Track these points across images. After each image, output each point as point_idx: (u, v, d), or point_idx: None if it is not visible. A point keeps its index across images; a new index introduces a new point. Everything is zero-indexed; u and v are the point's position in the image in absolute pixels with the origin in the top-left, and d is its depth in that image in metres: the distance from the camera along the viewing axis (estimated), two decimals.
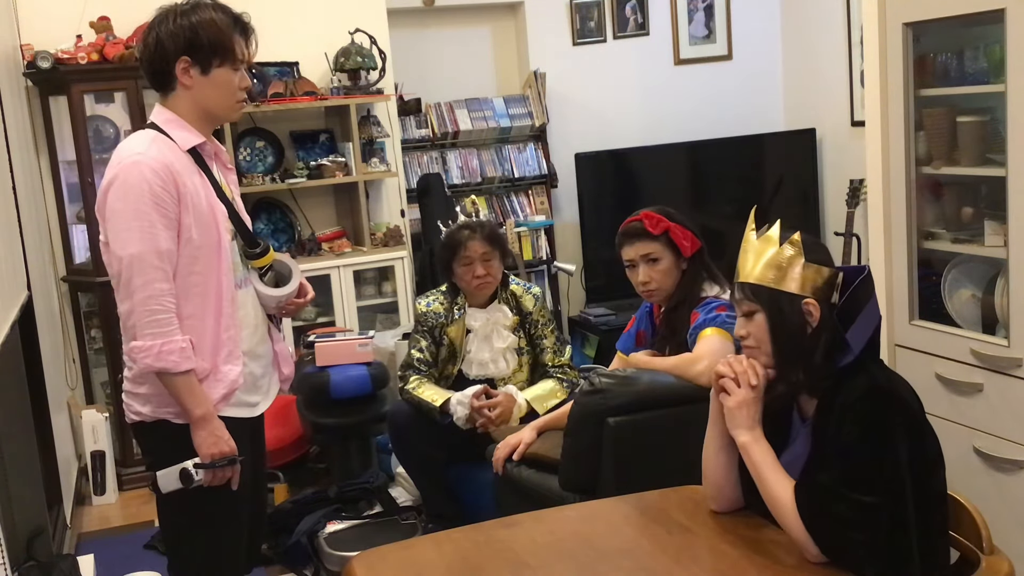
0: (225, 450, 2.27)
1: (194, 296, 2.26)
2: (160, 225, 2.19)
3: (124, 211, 2.19)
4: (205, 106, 2.32)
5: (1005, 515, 2.65)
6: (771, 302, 1.89)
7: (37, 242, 4.34)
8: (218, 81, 2.29)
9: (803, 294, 1.88)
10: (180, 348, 2.20)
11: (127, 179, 2.19)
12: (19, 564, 2.89)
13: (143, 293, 2.18)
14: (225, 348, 2.30)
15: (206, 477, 2.27)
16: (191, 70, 2.27)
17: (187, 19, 2.26)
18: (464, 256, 3.56)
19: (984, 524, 1.89)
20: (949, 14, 2.77)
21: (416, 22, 5.66)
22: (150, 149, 2.23)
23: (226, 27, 2.28)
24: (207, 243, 2.27)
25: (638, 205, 3.12)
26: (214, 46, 2.26)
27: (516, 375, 3.64)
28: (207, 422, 2.25)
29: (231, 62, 2.29)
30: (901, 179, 2.96)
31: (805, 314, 1.88)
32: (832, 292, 1.90)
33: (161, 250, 2.19)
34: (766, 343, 1.91)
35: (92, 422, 4.38)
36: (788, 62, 6.16)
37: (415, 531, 3.60)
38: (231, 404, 2.34)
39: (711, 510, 2.00)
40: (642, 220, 2.95)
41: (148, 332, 2.19)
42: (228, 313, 2.30)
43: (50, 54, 4.35)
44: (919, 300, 3.00)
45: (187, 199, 2.23)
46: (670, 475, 2.17)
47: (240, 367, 2.33)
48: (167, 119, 2.31)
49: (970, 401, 2.80)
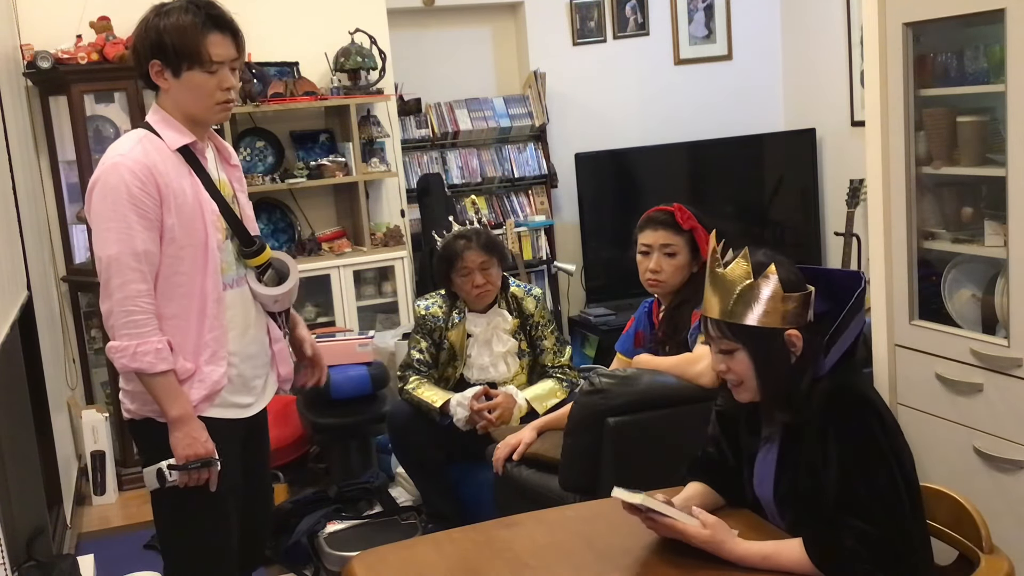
0: (200, 452, 2.26)
1: (178, 296, 2.27)
2: (138, 226, 2.19)
3: (103, 212, 2.21)
4: (183, 108, 2.31)
5: (1005, 515, 2.65)
6: (754, 340, 1.84)
7: (37, 242, 4.34)
8: (190, 84, 2.28)
9: (784, 327, 1.84)
10: (156, 349, 2.21)
11: (107, 181, 2.21)
12: (19, 564, 2.89)
13: (120, 294, 2.20)
14: (208, 349, 2.30)
15: (180, 479, 2.28)
16: (164, 72, 2.28)
17: (156, 22, 2.27)
18: (462, 267, 3.53)
19: (984, 523, 1.89)
20: (949, 14, 2.77)
21: (416, 22, 5.66)
22: (133, 150, 2.23)
23: (193, 30, 2.24)
24: (192, 243, 2.27)
25: (638, 205, 3.12)
26: (178, 50, 2.24)
27: (517, 378, 3.64)
28: (183, 423, 2.25)
29: (200, 65, 2.26)
30: (901, 179, 2.96)
31: (789, 346, 1.84)
32: (808, 311, 1.86)
33: (138, 251, 2.20)
34: (751, 379, 1.88)
35: (92, 422, 4.38)
36: (788, 62, 6.16)
37: (415, 531, 3.60)
38: (217, 405, 2.33)
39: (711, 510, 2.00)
40: (674, 212, 2.92)
41: (124, 332, 2.21)
42: (213, 314, 2.29)
43: (50, 54, 4.35)
44: (919, 300, 3.00)
45: (170, 200, 2.23)
46: (670, 475, 2.17)
47: (223, 368, 2.32)
48: (158, 119, 2.31)
49: (970, 401, 2.80)
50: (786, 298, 1.83)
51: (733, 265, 1.86)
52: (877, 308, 3.05)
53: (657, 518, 1.85)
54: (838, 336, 1.84)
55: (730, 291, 1.85)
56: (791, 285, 1.85)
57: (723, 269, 1.87)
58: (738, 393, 1.92)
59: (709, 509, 1.95)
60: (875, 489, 1.75)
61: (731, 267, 1.86)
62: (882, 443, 1.77)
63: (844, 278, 1.91)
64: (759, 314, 1.83)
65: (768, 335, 1.83)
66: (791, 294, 1.83)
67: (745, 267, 1.84)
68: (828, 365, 1.85)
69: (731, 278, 1.85)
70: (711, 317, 1.88)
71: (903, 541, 1.74)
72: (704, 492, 2.04)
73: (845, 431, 1.79)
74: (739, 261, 1.85)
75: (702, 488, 2.04)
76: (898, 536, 1.73)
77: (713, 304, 1.88)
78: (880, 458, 1.77)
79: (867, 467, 1.76)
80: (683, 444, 2.26)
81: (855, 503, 1.75)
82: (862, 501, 1.75)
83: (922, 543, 1.82)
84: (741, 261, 1.85)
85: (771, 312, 1.83)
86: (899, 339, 3.03)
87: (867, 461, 1.77)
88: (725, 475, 2.05)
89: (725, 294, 1.86)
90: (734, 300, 1.84)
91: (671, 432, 2.66)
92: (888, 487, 1.76)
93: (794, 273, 1.88)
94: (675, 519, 1.82)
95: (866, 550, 1.72)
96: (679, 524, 1.82)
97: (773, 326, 1.83)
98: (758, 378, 1.87)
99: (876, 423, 1.79)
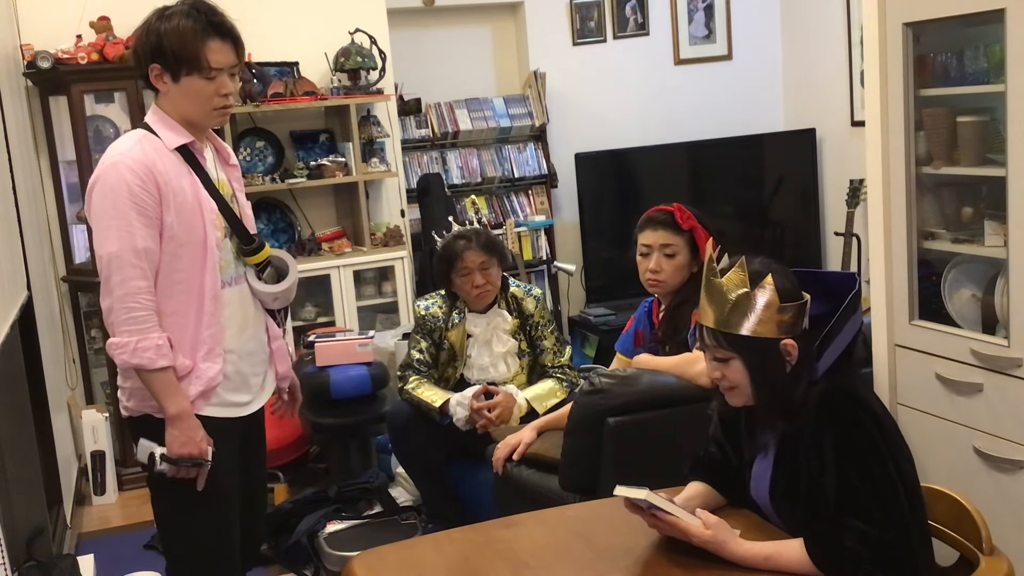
0: (194, 452, 2.28)
1: (178, 293, 2.29)
2: (138, 224, 2.22)
3: (104, 211, 2.23)
4: (181, 112, 2.33)
5: (1005, 515, 2.65)
6: (750, 350, 1.84)
7: (37, 242, 4.34)
8: (188, 90, 2.30)
9: (780, 336, 1.83)
10: (156, 345, 2.24)
11: (107, 180, 2.24)
12: (19, 564, 2.89)
13: (121, 291, 2.22)
14: (205, 346, 2.32)
15: (169, 470, 2.30)
16: (163, 76, 2.30)
17: (157, 26, 2.29)
18: (462, 267, 3.54)
19: (984, 524, 1.89)
20: (949, 14, 2.77)
21: (416, 22, 5.66)
22: (132, 149, 2.26)
23: (192, 36, 2.25)
24: (191, 241, 2.29)
25: (638, 205, 3.12)
26: (178, 56, 2.26)
27: (517, 378, 3.64)
28: (181, 420, 2.27)
29: (199, 71, 2.27)
30: (901, 179, 2.96)
31: (784, 355, 1.84)
32: (803, 320, 1.85)
33: (138, 248, 2.22)
34: (745, 386, 1.88)
35: (92, 422, 4.38)
36: (788, 62, 6.16)
37: (415, 531, 3.60)
38: (214, 404, 2.36)
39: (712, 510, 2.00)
40: (674, 212, 2.92)
41: (125, 329, 2.23)
42: (210, 311, 2.32)
43: (50, 54, 4.35)
44: (919, 300, 3.00)
45: (169, 198, 2.25)
46: (670, 475, 2.17)
47: (220, 365, 2.35)
48: (157, 119, 2.34)
49: (970, 401, 2.80)
50: (782, 308, 1.82)
51: (730, 274, 1.84)
52: (877, 308, 3.05)
53: (660, 516, 1.85)
54: (831, 339, 1.84)
55: (726, 300, 1.84)
56: (787, 294, 1.84)
57: (719, 278, 1.86)
58: (731, 397, 1.92)
59: (710, 509, 1.95)
60: (873, 490, 1.75)
61: (727, 276, 1.85)
62: (879, 444, 1.77)
63: (839, 280, 1.90)
64: (754, 324, 1.82)
65: (763, 345, 1.83)
66: (787, 304, 1.82)
67: (741, 276, 1.83)
68: (823, 368, 1.85)
69: (727, 287, 1.84)
70: (706, 326, 1.87)
71: (903, 541, 1.74)
72: (705, 492, 2.04)
73: (841, 433, 1.79)
74: (736, 270, 1.84)
75: (703, 488, 2.04)
76: (898, 536, 1.73)
77: (708, 313, 1.87)
78: (877, 459, 1.77)
79: (864, 468, 1.76)
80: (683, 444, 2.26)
81: (854, 504, 1.76)
82: (861, 502, 1.75)
83: (922, 543, 1.82)
84: (737, 270, 1.84)
85: (766, 322, 1.82)
86: (899, 339, 3.03)
87: (864, 462, 1.77)
88: (727, 475, 2.05)
89: (721, 303, 1.84)
90: (729, 309, 1.83)
91: (671, 432, 2.66)
92: (886, 488, 1.76)
93: (790, 281, 1.87)
94: (678, 517, 1.82)
95: (867, 550, 1.72)
96: (681, 523, 1.82)
97: (768, 336, 1.82)
98: (753, 387, 1.87)
99: (872, 424, 1.79)
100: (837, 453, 1.78)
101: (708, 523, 1.82)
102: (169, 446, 2.28)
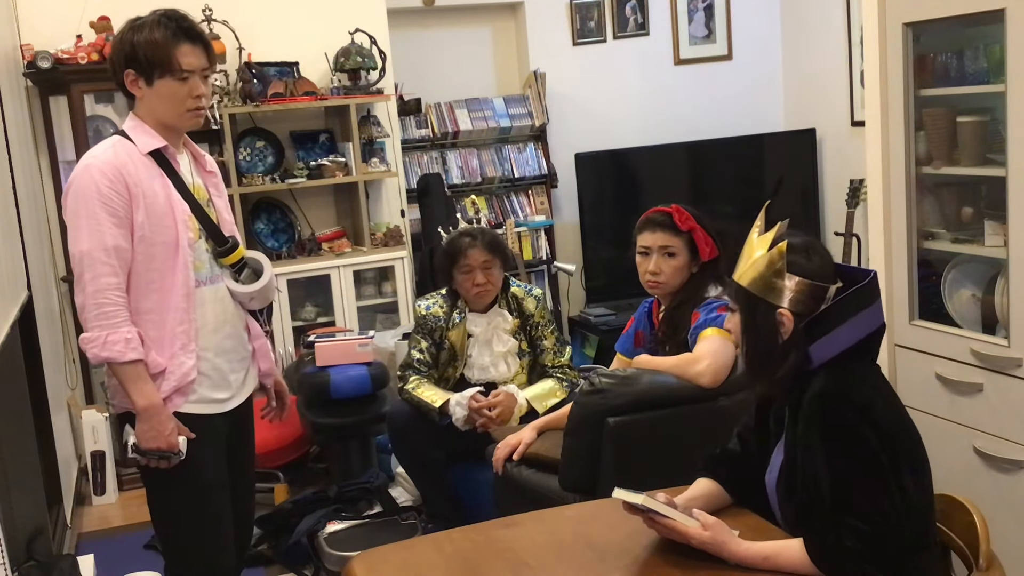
0: (162, 445, 2.35)
1: (152, 292, 2.37)
2: (108, 223, 2.30)
3: (76, 211, 2.33)
4: (156, 116, 2.42)
5: (1005, 515, 2.65)
6: (747, 306, 1.90)
7: (37, 242, 4.34)
8: (162, 92, 2.39)
9: (778, 304, 1.85)
10: (125, 339, 2.31)
11: (79, 182, 2.33)
12: (19, 564, 2.89)
13: (92, 287, 2.31)
14: (178, 341, 2.39)
15: (140, 459, 2.39)
16: (138, 81, 2.39)
17: (130, 36, 2.39)
18: (464, 264, 3.55)
19: (986, 537, 1.86)
20: (949, 14, 2.77)
21: (416, 22, 5.66)
22: (104, 153, 2.36)
23: (164, 41, 2.35)
24: (163, 241, 2.37)
25: (638, 205, 3.12)
26: (151, 60, 2.36)
27: (517, 378, 3.64)
28: (150, 414, 2.34)
29: (171, 73, 2.36)
30: (901, 179, 2.96)
31: (777, 323, 1.85)
32: (818, 305, 1.85)
33: (108, 246, 2.30)
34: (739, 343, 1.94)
35: (92, 422, 4.38)
36: (788, 62, 6.16)
37: (415, 531, 3.60)
38: (193, 400, 2.43)
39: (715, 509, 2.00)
40: (672, 213, 2.92)
41: (95, 324, 2.31)
42: (182, 308, 2.39)
43: (50, 54, 4.35)
44: (919, 300, 3.00)
45: (139, 199, 2.34)
46: (670, 475, 2.17)
47: (192, 360, 2.41)
48: (132, 125, 2.43)
49: (970, 401, 2.80)
50: (789, 277, 1.84)
51: (766, 235, 1.90)
52: None
53: (657, 519, 1.85)
54: (828, 327, 1.83)
55: (750, 258, 1.90)
56: (803, 270, 1.85)
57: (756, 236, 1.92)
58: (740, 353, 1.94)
59: (713, 508, 1.95)
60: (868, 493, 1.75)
61: (763, 236, 1.91)
62: (873, 446, 1.76)
63: (858, 275, 1.90)
64: (760, 283, 1.86)
65: (762, 307, 1.86)
66: (795, 276, 1.84)
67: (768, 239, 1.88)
68: (820, 359, 1.84)
69: (757, 245, 1.90)
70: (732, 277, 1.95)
71: (901, 542, 1.74)
72: (711, 491, 2.03)
73: (833, 433, 1.79)
74: (771, 232, 1.90)
75: (710, 486, 2.04)
76: (896, 537, 1.73)
77: (739, 266, 1.95)
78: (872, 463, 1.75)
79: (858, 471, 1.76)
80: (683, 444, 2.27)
81: (852, 504, 1.75)
82: (858, 503, 1.75)
83: (924, 544, 1.81)
84: (772, 233, 1.89)
85: (772, 286, 1.85)
86: (899, 339, 3.03)
87: (857, 465, 1.76)
88: (739, 471, 2.04)
89: (747, 259, 1.91)
90: (749, 267, 1.89)
91: (671, 432, 2.66)
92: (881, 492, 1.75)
93: (817, 264, 1.87)
94: (675, 520, 1.83)
95: (867, 550, 1.72)
96: (679, 525, 1.82)
97: (765, 297, 1.86)
98: (743, 344, 1.92)
99: (867, 427, 1.77)
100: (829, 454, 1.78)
101: (706, 524, 1.82)
102: (138, 439, 2.36)
